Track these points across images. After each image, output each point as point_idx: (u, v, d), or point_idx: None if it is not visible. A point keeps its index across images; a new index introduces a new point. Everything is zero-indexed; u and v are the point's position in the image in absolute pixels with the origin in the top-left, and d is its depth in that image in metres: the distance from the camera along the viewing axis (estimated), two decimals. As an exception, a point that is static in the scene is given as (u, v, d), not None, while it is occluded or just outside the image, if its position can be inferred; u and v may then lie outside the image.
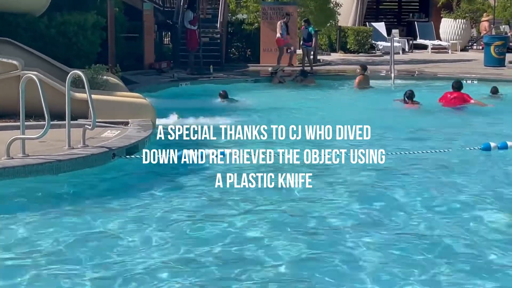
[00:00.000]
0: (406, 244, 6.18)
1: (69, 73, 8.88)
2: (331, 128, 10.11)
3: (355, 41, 27.42)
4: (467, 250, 6.07)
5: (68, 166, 7.98)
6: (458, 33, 29.40)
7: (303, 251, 6.02)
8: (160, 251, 6.05)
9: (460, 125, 13.00)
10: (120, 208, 7.21)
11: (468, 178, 8.65)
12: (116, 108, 10.63)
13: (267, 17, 22.20)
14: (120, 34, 18.12)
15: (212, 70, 19.81)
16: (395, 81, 18.36)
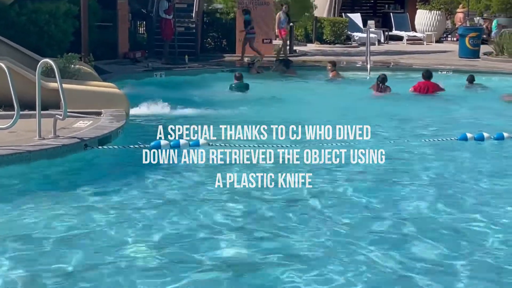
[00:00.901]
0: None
1: (40, 61, 8.69)
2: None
3: (331, 32, 27.34)
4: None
5: (39, 157, 7.80)
6: (433, 24, 29.45)
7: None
8: (133, 242, 5.94)
9: (434, 113, 13.04)
10: (93, 200, 7.08)
11: (442, 168, 8.64)
12: (89, 98, 10.44)
13: (243, 6, 21.99)
14: (93, 22, 17.83)
15: (187, 60, 19.60)
16: (371, 72, 18.30)
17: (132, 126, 10.28)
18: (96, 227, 6.33)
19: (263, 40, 21.97)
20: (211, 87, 15.95)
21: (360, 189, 7.66)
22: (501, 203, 7.22)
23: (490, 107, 13.69)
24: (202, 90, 15.40)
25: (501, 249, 5.95)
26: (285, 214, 6.82)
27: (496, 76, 18.16)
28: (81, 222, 6.45)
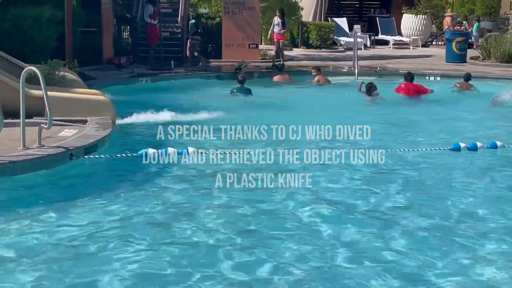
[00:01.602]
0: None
1: (24, 69, 8.46)
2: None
3: (317, 37, 27.24)
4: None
5: (23, 167, 7.58)
6: (419, 28, 29.46)
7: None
8: (121, 253, 5.78)
9: (425, 119, 12.99)
10: (79, 211, 6.87)
11: (436, 178, 8.51)
12: (74, 105, 10.22)
13: (229, 11, 21.85)
14: (77, 28, 17.60)
15: (173, 66, 19.41)
16: (358, 77, 18.21)
17: (118, 134, 10.08)
18: (82, 240, 6.13)
19: (249, 45, 21.84)
20: (197, 93, 15.78)
21: (346, 201, 7.51)
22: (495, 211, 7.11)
23: (481, 113, 13.65)
24: (188, 96, 15.22)
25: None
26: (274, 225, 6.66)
27: (483, 81, 18.08)
28: (66, 234, 6.25)
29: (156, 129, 10.69)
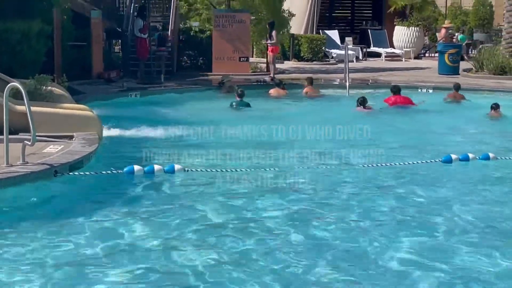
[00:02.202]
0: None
1: (7, 85, 8.31)
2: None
3: (309, 49, 27.16)
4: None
5: (6, 184, 7.40)
6: (411, 41, 29.40)
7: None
8: (104, 272, 5.65)
9: (417, 130, 12.97)
10: (62, 230, 6.70)
11: (431, 190, 8.39)
12: (60, 121, 10.05)
13: (219, 25, 21.76)
14: (67, 42, 17.47)
15: (163, 80, 19.27)
16: (350, 90, 18.09)
17: (105, 150, 9.91)
18: (66, 258, 5.98)
19: (240, 58, 21.73)
20: (188, 107, 15.64)
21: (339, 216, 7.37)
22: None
23: (473, 124, 13.60)
24: (179, 110, 15.07)
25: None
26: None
27: (476, 93, 18.01)
28: (50, 252, 6.10)
29: (144, 144, 10.69)
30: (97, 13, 19.95)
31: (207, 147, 10.73)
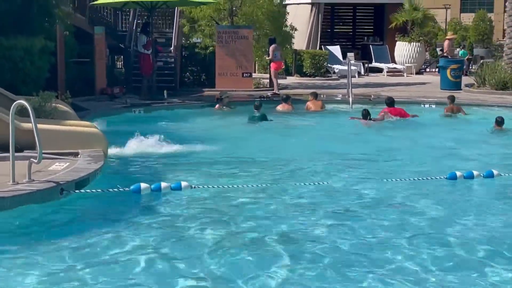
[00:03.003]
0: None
1: (14, 103, 8.29)
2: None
3: (311, 65, 27.19)
4: None
5: (12, 203, 7.37)
6: (413, 56, 29.42)
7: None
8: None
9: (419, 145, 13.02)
10: (70, 248, 6.65)
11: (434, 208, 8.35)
12: (65, 138, 10.02)
13: (222, 41, 21.80)
14: (70, 58, 17.50)
15: (166, 95, 19.26)
16: (353, 105, 18.12)
17: (111, 167, 9.90)
18: (73, 277, 5.94)
19: (243, 74, 21.75)
20: (192, 123, 15.62)
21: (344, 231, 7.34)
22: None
23: (477, 138, 13.60)
24: (183, 126, 15.07)
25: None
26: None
27: (478, 108, 18.03)
28: (55, 270, 6.06)
29: (150, 161, 10.68)
30: (100, 29, 20.00)
31: (214, 164, 10.72)
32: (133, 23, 22.53)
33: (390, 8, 30.29)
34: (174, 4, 21.27)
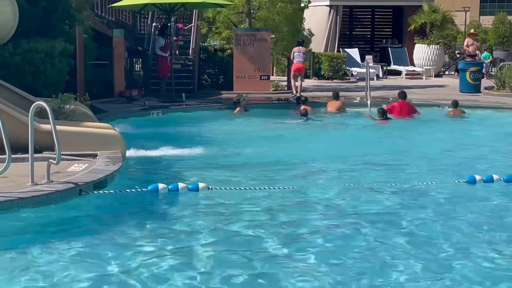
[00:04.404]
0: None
1: (33, 104, 8.37)
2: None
3: (329, 67, 27.17)
4: None
5: (31, 204, 7.44)
6: (432, 59, 29.31)
7: None
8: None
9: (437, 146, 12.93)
10: (87, 250, 6.69)
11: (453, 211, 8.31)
12: (84, 139, 10.08)
13: (241, 43, 21.84)
14: (89, 61, 17.60)
15: (184, 98, 19.32)
16: (371, 108, 18.07)
17: (129, 169, 9.94)
18: (91, 277, 5.96)
19: (261, 77, 21.78)
20: (210, 125, 15.66)
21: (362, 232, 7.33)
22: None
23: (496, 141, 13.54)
24: (201, 129, 15.11)
25: None
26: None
27: (498, 111, 17.92)
28: (74, 272, 6.09)
29: (167, 163, 10.72)
30: (119, 32, 20.11)
31: (232, 165, 10.75)
32: (152, 26, 22.64)
33: (409, 11, 30.21)
34: (192, 6, 21.34)
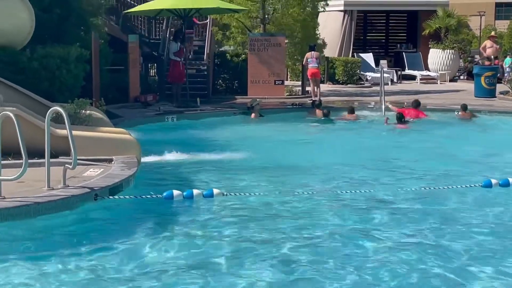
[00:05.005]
0: None
1: (49, 109, 8.44)
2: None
3: (344, 72, 27.14)
4: None
5: (47, 208, 7.50)
6: (447, 63, 29.19)
7: None
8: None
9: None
10: (102, 254, 6.74)
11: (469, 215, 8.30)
12: (99, 144, 10.15)
13: (255, 48, 21.87)
14: (104, 66, 17.69)
15: (199, 103, 19.37)
16: (386, 112, 18.07)
17: (144, 174, 9.99)
18: (105, 283, 6.01)
19: (275, 82, 21.80)
20: (224, 130, 15.68)
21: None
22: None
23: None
24: (215, 134, 15.15)
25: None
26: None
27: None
28: (90, 276, 6.13)
29: (181, 168, 10.75)
30: (134, 37, 20.21)
31: (247, 170, 10.78)
32: (167, 31, 22.73)
33: (424, 15, 30.12)
34: (207, 12, 21.40)
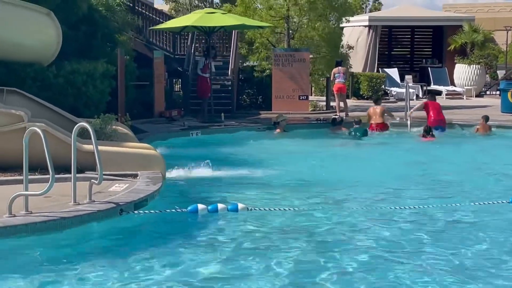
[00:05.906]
0: None
1: (76, 125, 8.51)
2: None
3: (369, 87, 27.09)
4: None
5: (73, 223, 7.55)
6: (473, 78, 29.02)
7: None
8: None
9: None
10: (127, 269, 6.75)
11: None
12: (125, 160, 10.21)
13: (279, 63, 21.94)
14: (129, 82, 17.83)
15: (223, 118, 19.44)
16: (411, 128, 18.00)
17: (169, 188, 10.02)
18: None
19: (299, 97, 21.83)
20: (249, 146, 15.70)
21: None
22: None
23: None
24: (240, 149, 15.16)
25: None
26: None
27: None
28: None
29: (206, 183, 10.77)
30: (160, 53, 20.37)
31: (272, 185, 10.76)
32: (191, 47, 22.87)
33: (449, 30, 30.03)
34: (232, 28, 21.53)
